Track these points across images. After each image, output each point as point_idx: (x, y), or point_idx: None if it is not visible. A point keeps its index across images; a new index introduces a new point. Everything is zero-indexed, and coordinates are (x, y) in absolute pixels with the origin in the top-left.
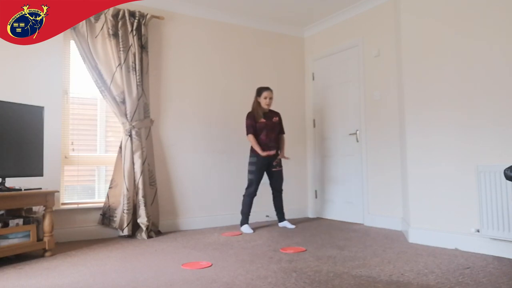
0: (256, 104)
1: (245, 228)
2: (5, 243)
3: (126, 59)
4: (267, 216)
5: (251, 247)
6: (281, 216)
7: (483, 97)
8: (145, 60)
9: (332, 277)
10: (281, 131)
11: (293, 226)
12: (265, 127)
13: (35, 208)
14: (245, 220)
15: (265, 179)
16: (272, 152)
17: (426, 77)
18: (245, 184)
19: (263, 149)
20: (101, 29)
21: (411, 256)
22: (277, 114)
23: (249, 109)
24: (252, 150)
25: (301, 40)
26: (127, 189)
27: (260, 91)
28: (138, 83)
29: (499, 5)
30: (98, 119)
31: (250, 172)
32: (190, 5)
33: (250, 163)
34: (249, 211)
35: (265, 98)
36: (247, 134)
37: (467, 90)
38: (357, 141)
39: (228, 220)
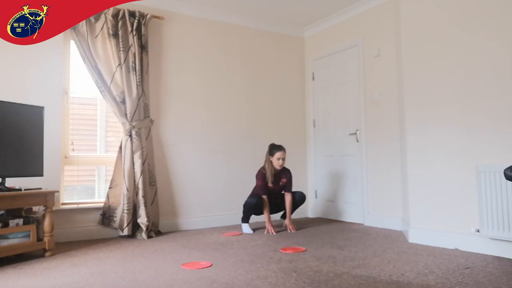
0: (268, 163)
1: (245, 228)
2: (5, 243)
3: (126, 59)
4: None
5: (251, 247)
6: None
7: (483, 96)
8: (145, 60)
9: (332, 277)
10: (288, 189)
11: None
12: (270, 192)
13: (35, 208)
14: (245, 218)
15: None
16: (274, 233)
17: (426, 77)
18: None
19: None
20: (101, 29)
21: (411, 256)
22: (286, 174)
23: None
24: (257, 175)
25: (301, 40)
26: (127, 189)
27: (272, 150)
28: (138, 83)
29: (502, 5)
30: (98, 119)
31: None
32: (190, 5)
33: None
34: (251, 211)
35: (278, 159)
36: (260, 194)
37: (467, 90)
38: (357, 141)
39: (228, 220)
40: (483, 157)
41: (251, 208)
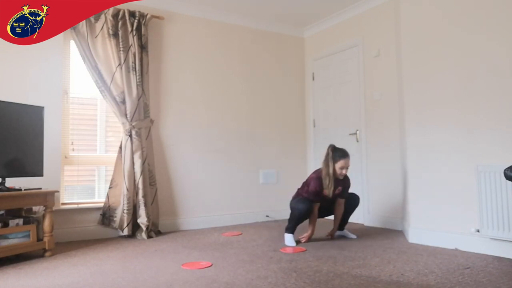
0: (328, 169)
1: (289, 239)
2: (5, 243)
3: (126, 59)
4: (267, 216)
5: (251, 247)
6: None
7: (483, 96)
8: (145, 60)
9: (332, 277)
10: (343, 196)
11: (354, 236)
12: (322, 200)
13: (35, 208)
14: (292, 227)
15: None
16: (304, 241)
17: (426, 77)
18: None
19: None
20: (101, 29)
21: (411, 256)
22: (345, 182)
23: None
24: (313, 178)
25: (301, 40)
26: (127, 189)
27: (335, 156)
28: (138, 83)
29: (502, 5)
30: (98, 119)
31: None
32: (190, 5)
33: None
34: (302, 219)
35: (341, 168)
36: (311, 199)
37: (467, 90)
38: (357, 141)
39: (228, 220)
40: (483, 157)
41: (302, 215)
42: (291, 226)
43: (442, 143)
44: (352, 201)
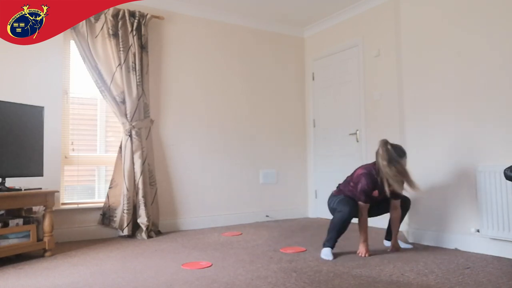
0: (386, 171)
1: (326, 253)
2: (5, 243)
3: (126, 59)
4: (267, 216)
5: (251, 247)
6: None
7: (483, 96)
8: (145, 60)
9: (332, 277)
10: (397, 196)
11: (409, 246)
12: (372, 201)
13: (35, 208)
14: (333, 240)
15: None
16: (367, 255)
17: (426, 77)
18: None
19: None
20: (101, 29)
21: (411, 256)
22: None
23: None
24: (365, 174)
25: (301, 40)
26: (127, 189)
27: (401, 154)
28: (138, 83)
29: (502, 5)
30: (98, 119)
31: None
32: (190, 5)
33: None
34: (345, 228)
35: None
36: (360, 200)
37: (467, 89)
38: (357, 141)
39: (228, 220)
40: (483, 157)
41: (346, 221)
42: (332, 238)
43: (442, 143)
44: (404, 204)
